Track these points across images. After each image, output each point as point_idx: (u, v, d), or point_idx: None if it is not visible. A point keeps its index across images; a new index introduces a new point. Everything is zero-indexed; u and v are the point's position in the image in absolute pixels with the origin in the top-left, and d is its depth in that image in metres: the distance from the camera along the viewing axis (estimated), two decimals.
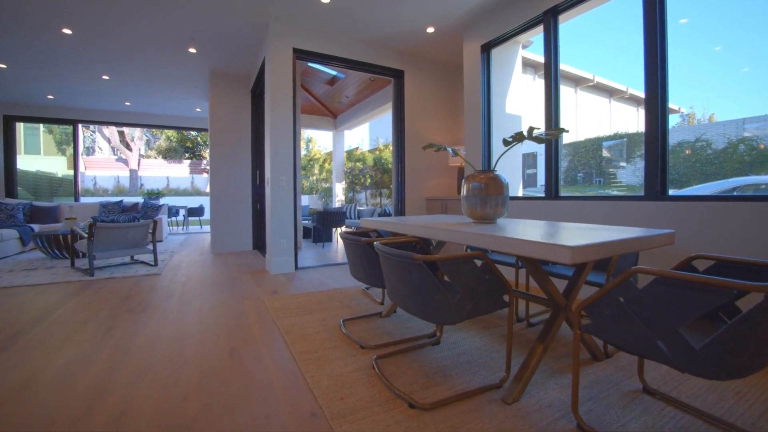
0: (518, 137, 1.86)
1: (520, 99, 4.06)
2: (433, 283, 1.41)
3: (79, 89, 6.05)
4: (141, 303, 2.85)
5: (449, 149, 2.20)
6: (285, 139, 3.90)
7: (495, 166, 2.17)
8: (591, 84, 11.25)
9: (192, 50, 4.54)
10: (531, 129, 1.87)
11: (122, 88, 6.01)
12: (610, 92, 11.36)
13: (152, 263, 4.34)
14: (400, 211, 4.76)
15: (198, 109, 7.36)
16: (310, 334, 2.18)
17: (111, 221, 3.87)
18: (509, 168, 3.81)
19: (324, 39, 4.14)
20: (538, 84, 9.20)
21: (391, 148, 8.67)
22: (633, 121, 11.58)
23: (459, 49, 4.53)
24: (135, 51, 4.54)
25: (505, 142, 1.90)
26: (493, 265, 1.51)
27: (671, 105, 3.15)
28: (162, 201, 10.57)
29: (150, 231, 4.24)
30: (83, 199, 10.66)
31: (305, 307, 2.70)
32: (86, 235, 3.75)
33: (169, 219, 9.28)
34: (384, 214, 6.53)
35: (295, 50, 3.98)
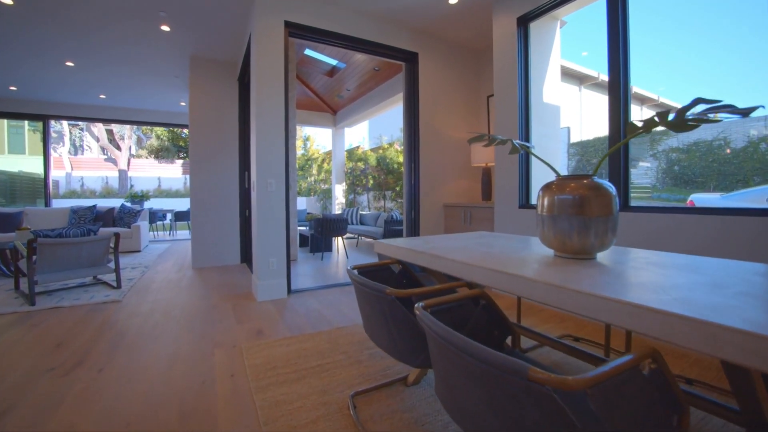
0: (650, 124, 1.11)
1: (557, 88, 3.32)
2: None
3: (42, 78, 5.28)
4: (74, 355, 2.09)
5: (515, 142, 1.45)
6: (275, 133, 3.14)
7: (596, 170, 1.33)
8: (595, 82, 10.53)
9: (165, 28, 3.78)
10: (665, 113, 1.11)
11: (91, 77, 5.24)
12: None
13: (116, 284, 3.58)
14: (414, 221, 4.01)
15: (182, 103, 6.59)
16: (302, 424, 1.43)
17: (58, 235, 3.09)
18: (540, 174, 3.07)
19: (323, 12, 3.39)
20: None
21: (397, 147, 7.93)
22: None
23: (484, 25, 3.79)
24: (95, 28, 3.78)
25: (631, 129, 1.15)
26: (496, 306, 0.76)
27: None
28: (148, 204, 9.81)
29: (112, 246, 3.48)
30: (59, 203, 9.88)
31: (298, 363, 1.95)
32: (25, 254, 2.99)
33: (153, 224, 8.51)
34: (391, 220, 5.78)
35: (288, 24, 3.23)
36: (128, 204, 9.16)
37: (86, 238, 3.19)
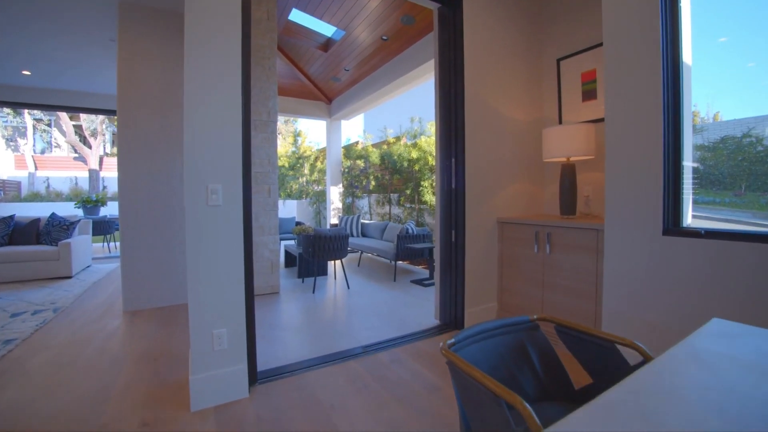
0: None
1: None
2: None
3: None
4: None
5: None
6: (224, 106, 1.71)
7: None
8: None
9: None
10: None
11: (5, 41, 3.75)
12: None
13: None
14: (455, 247, 2.61)
15: None
16: None
17: None
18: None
19: None
20: None
21: (405, 141, 6.53)
22: None
23: None
24: None
25: None
26: None
27: None
28: (109, 210, 8.28)
29: None
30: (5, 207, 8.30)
31: None
32: None
33: (111, 235, 6.98)
34: (408, 236, 4.36)
35: None
36: (79, 210, 7.63)
37: None
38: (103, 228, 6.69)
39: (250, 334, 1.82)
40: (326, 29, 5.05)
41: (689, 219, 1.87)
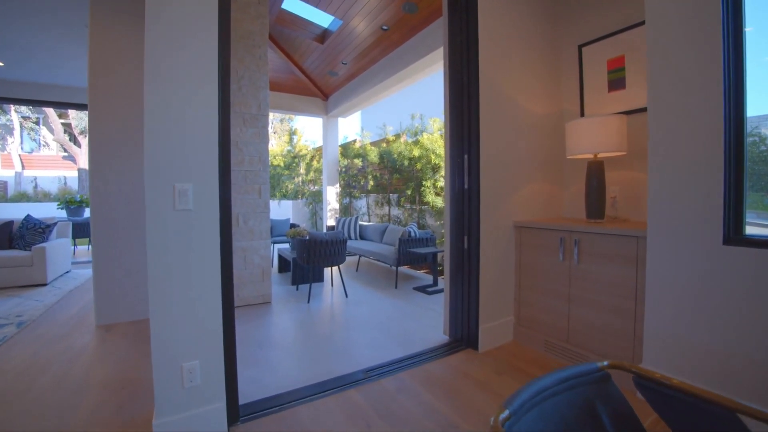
0: None
1: None
2: None
3: None
4: None
5: None
6: (193, 76, 1.40)
7: None
8: None
9: None
10: None
11: None
12: None
13: None
14: (467, 254, 2.31)
15: None
16: None
17: None
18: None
19: None
20: None
21: (404, 138, 6.22)
22: None
23: None
24: None
25: None
26: None
27: None
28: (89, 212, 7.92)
29: None
30: None
31: None
32: None
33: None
34: (410, 240, 4.06)
35: None
36: (63, 211, 7.28)
37: None
38: (87, 230, 6.33)
39: (229, 365, 1.51)
40: (322, 19, 4.75)
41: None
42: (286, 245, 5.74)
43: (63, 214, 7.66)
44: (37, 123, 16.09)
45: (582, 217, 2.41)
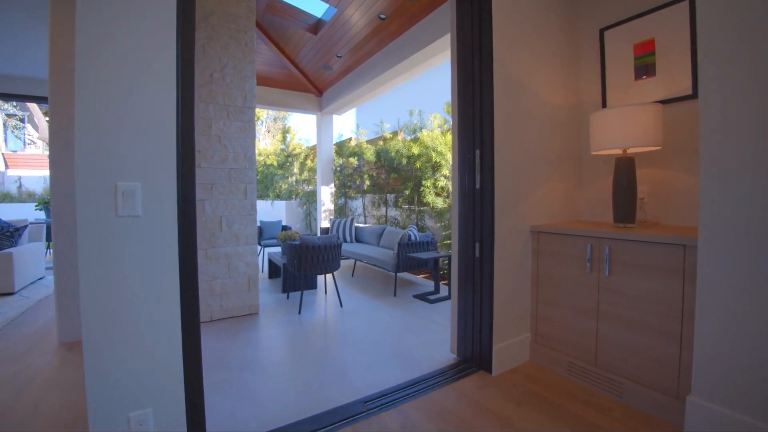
0: None
1: None
2: None
3: None
4: None
5: None
6: (140, 50, 1.10)
7: None
8: None
9: None
10: None
11: None
12: None
13: None
14: (479, 264, 2.02)
15: None
16: None
17: None
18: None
19: None
20: None
21: (402, 136, 5.93)
22: None
23: None
24: None
25: None
26: None
27: None
28: None
29: None
30: None
31: None
32: None
33: None
34: (411, 244, 3.77)
35: None
36: (41, 212, 6.92)
37: None
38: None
39: (194, 411, 1.21)
40: (315, 8, 4.44)
41: None
42: (278, 249, 5.42)
43: (42, 215, 7.29)
44: (22, 120, 15.57)
45: (605, 220, 2.13)
